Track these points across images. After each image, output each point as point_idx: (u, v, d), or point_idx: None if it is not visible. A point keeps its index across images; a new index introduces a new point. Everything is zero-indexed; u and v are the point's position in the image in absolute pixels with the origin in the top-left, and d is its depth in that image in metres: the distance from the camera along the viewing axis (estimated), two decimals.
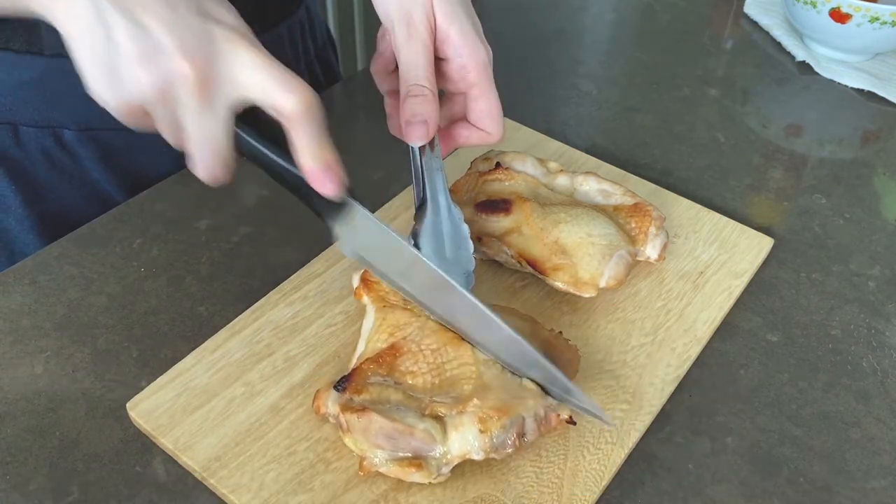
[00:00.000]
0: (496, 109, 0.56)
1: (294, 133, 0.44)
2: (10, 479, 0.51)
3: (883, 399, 0.57)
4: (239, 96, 0.44)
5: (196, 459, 0.50)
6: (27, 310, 0.61)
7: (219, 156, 0.45)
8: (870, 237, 0.71)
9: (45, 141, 0.71)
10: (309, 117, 0.44)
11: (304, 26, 0.85)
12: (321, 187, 0.46)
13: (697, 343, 0.59)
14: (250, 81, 0.43)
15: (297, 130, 0.44)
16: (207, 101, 0.43)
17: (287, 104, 0.43)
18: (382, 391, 0.49)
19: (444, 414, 0.48)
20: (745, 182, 0.77)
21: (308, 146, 0.45)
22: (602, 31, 1.05)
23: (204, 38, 0.42)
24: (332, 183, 0.46)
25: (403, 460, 0.47)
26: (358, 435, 0.48)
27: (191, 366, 0.55)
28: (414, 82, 0.53)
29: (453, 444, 0.47)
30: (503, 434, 0.47)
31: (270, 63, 0.43)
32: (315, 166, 0.45)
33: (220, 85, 0.43)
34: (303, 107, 0.43)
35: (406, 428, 0.47)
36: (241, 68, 0.43)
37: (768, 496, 0.51)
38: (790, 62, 0.97)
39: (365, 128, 0.84)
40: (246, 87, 0.43)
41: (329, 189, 0.46)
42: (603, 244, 0.60)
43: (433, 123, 0.53)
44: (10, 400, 0.55)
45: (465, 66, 0.54)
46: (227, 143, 0.45)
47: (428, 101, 0.52)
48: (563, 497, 0.49)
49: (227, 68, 0.43)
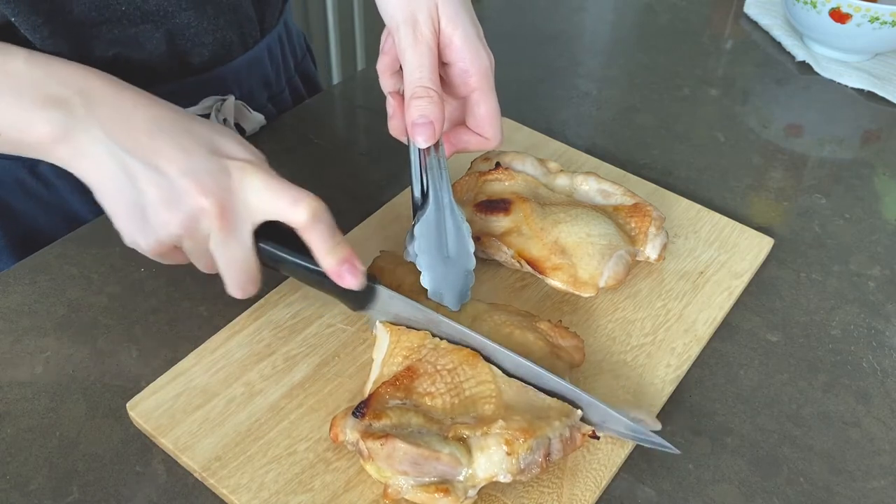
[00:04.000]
0: (496, 115, 0.57)
1: (309, 239, 0.49)
2: (10, 479, 0.51)
3: (883, 399, 0.57)
4: (257, 218, 0.49)
5: (196, 459, 0.50)
6: (27, 310, 0.61)
7: (247, 273, 0.50)
8: (870, 237, 0.71)
9: (19, 172, 0.70)
10: (319, 223, 0.49)
11: (283, 40, 0.84)
12: (343, 281, 0.50)
13: (697, 343, 0.59)
14: (264, 204, 0.48)
15: (311, 236, 0.49)
16: (229, 228, 0.48)
17: (298, 217, 0.48)
18: (402, 415, 0.48)
19: (467, 435, 0.47)
20: (745, 182, 0.77)
21: (323, 248, 0.49)
22: (602, 31, 1.05)
23: (218, 174, 0.47)
24: (351, 276, 0.50)
25: (430, 486, 0.46)
26: (381, 462, 0.46)
27: (191, 366, 0.55)
28: (419, 84, 0.54)
29: (479, 466, 0.46)
30: (530, 456, 0.46)
31: (279, 184, 0.48)
32: (334, 264, 0.50)
33: (238, 212, 0.48)
34: (311, 215, 0.48)
35: (431, 453, 0.46)
36: (255, 193, 0.48)
37: (768, 496, 0.51)
38: (790, 62, 0.97)
39: (365, 128, 0.84)
40: (261, 210, 0.48)
41: (350, 282, 0.50)
42: (602, 244, 0.60)
43: (439, 124, 0.54)
44: (10, 400, 0.55)
45: (468, 70, 0.55)
46: (254, 260, 0.50)
47: (434, 102, 0.53)
48: (563, 497, 0.49)
49: (243, 196, 0.48)
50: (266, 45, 0.80)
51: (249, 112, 0.77)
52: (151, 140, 0.47)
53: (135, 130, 0.47)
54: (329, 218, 0.49)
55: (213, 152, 0.48)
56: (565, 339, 0.55)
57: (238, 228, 0.48)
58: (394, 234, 0.67)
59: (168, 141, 0.47)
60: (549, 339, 0.54)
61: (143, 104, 0.49)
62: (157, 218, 0.47)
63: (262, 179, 0.48)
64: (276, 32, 0.81)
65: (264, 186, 0.48)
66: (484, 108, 0.56)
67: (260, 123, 0.78)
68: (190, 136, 0.48)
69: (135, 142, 0.47)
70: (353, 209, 0.70)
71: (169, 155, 0.47)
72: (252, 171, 0.48)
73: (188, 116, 0.50)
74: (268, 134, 0.80)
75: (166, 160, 0.47)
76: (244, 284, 0.51)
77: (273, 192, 0.48)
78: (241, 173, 0.48)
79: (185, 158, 0.47)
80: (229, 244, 0.48)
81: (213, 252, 0.49)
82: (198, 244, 0.49)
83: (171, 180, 0.47)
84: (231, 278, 0.50)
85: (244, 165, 0.48)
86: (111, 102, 0.49)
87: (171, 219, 0.47)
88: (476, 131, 0.58)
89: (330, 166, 0.76)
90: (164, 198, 0.47)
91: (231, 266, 0.50)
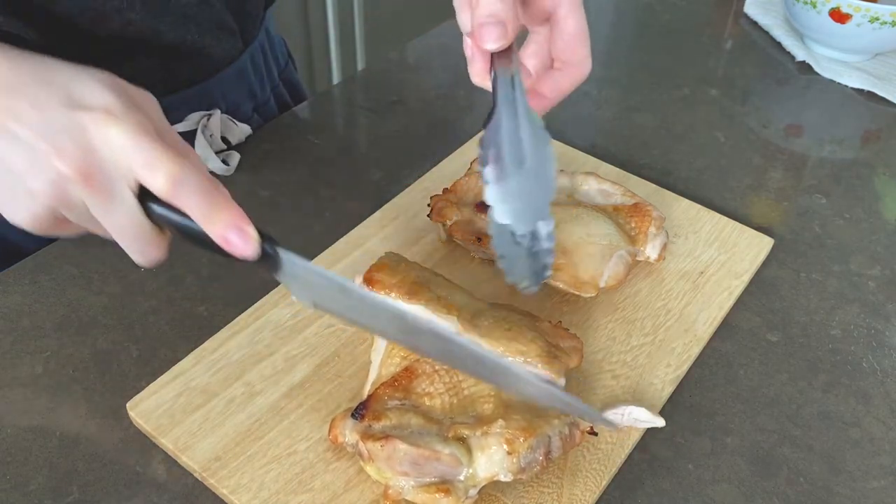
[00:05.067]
0: (585, 32, 0.50)
1: (180, 207, 0.42)
2: (10, 479, 0.51)
3: (883, 399, 0.57)
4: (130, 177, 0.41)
5: (196, 459, 0.50)
6: (27, 310, 0.61)
7: (142, 238, 0.43)
8: (870, 237, 0.71)
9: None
10: (183, 187, 0.41)
11: (266, 49, 0.84)
12: (232, 249, 0.42)
13: (697, 343, 0.59)
14: (124, 163, 0.41)
15: (180, 204, 0.41)
16: (103, 192, 0.41)
17: (156, 185, 0.41)
18: (402, 416, 0.48)
19: (467, 435, 0.47)
20: (745, 182, 0.77)
21: (199, 215, 0.41)
22: (602, 31, 1.05)
23: (75, 132, 0.41)
24: (241, 241, 0.42)
25: (431, 486, 0.46)
26: (382, 463, 0.46)
27: (191, 366, 0.55)
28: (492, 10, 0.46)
29: (480, 466, 0.46)
30: (531, 454, 0.46)
31: (136, 140, 0.41)
32: (217, 231, 0.42)
33: (108, 172, 0.41)
34: (170, 181, 0.41)
35: (432, 453, 0.46)
36: (115, 151, 0.41)
37: (768, 496, 0.51)
38: (790, 62, 0.97)
39: (365, 128, 0.84)
40: (124, 168, 0.41)
41: (240, 250, 0.42)
42: (603, 244, 0.60)
43: (512, 24, 0.47)
44: (10, 400, 0.55)
45: None
46: (145, 223, 0.43)
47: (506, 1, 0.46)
48: (563, 497, 0.49)
49: (107, 152, 0.41)
50: (249, 55, 0.79)
51: (235, 125, 0.76)
52: (5, 100, 0.41)
53: None
54: (197, 178, 0.41)
55: (70, 105, 0.41)
56: (565, 340, 0.55)
57: (113, 191, 0.41)
58: (394, 233, 0.67)
59: (22, 100, 0.41)
60: (549, 340, 0.54)
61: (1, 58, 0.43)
62: (22, 190, 0.41)
63: (122, 133, 0.41)
64: (257, 42, 0.81)
65: (123, 143, 0.41)
66: (573, 24, 0.50)
67: (246, 134, 0.78)
68: (47, 89, 0.42)
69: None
70: (353, 209, 0.70)
71: (22, 114, 0.41)
72: (110, 124, 0.41)
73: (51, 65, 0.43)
74: (268, 134, 0.80)
75: (20, 122, 0.41)
76: (143, 250, 0.44)
77: (130, 152, 0.41)
78: (98, 127, 0.41)
79: (39, 118, 0.41)
80: (110, 209, 0.42)
81: (98, 219, 0.42)
82: (78, 212, 0.42)
83: (28, 146, 0.40)
84: (126, 246, 0.44)
85: (101, 117, 0.41)
86: None
87: (37, 188, 0.41)
88: (563, 57, 0.51)
89: (330, 166, 0.76)
90: (25, 166, 0.41)
91: (121, 233, 0.43)
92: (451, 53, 0.95)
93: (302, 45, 1.83)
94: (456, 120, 0.84)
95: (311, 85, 1.90)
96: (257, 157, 0.77)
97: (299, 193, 0.73)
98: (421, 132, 0.81)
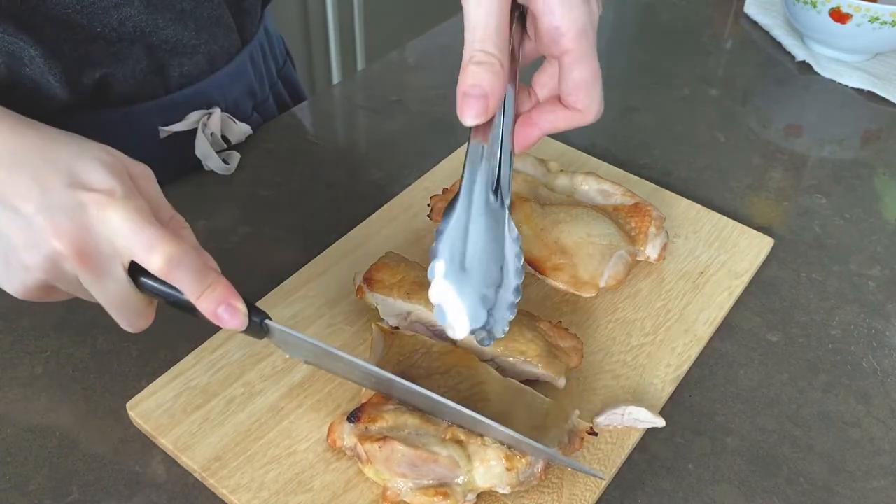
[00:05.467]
0: (593, 82, 0.47)
1: (173, 284, 0.44)
2: (10, 479, 0.51)
3: (883, 399, 0.57)
4: (125, 256, 0.44)
5: (196, 459, 0.50)
6: (27, 310, 0.61)
7: (131, 309, 0.46)
8: (870, 237, 0.71)
9: None
10: (177, 268, 0.43)
11: (265, 47, 0.83)
12: (223, 324, 0.45)
13: (697, 343, 0.59)
14: (121, 244, 0.43)
15: (174, 282, 0.44)
16: (95, 269, 0.43)
17: (153, 265, 0.43)
18: (398, 417, 0.48)
19: (463, 440, 0.47)
20: (745, 182, 0.77)
21: (192, 293, 0.44)
22: (602, 31, 1.05)
23: (76, 212, 0.42)
24: (230, 317, 0.45)
25: (429, 489, 0.46)
26: (380, 465, 0.46)
27: (191, 366, 0.55)
28: (480, 47, 0.44)
29: (478, 474, 0.46)
30: (529, 469, 0.46)
31: (133, 224, 0.43)
32: (208, 308, 0.44)
33: (102, 251, 0.43)
34: (166, 262, 0.43)
35: (429, 455, 0.46)
36: (113, 233, 0.43)
37: (768, 496, 0.51)
38: (790, 62, 0.97)
39: (365, 128, 0.84)
40: (120, 250, 0.43)
41: (231, 324, 0.45)
42: (603, 244, 0.60)
43: (494, 99, 0.45)
44: (11, 400, 0.55)
45: (559, 27, 0.45)
46: (134, 296, 0.45)
47: (493, 70, 0.44)
48: (563, 497, 0.49)
49: (106, 234, 0.43)
50: (248, 54, 0.79)
51: (235, 123, 0.76)
52: (6, 175, 0.43)
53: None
54: (190, 259, 0.44)
55: (73, 184, 0.43)
56: (564, 340, 0.55)
57: (106, 268, 0.43)
58: (394, 233, 0.67)
59: (26, 175, 0.43)
60: (549, 340, 0.54)
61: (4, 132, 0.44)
62: (17, 262, 0.43)
63: (121, 216, 0.43)
64: (256, 40, 0.80)
65: (121, 225, 0.43)
66: (578, 74, 0.46)
67: (246, 134, 0.77)
68: (51, 167, 0.43)
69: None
70: (354, 209, 0.70)
71: (25, 192, 0.42)
72: (111, 206, 0.43)
73: (53, 139, 0.45)
74: (267, 134, 0.80)
75: (22, 198, 0.42)
76: (131, 320, 0.46)
77: (129, 235, 0.43)
78: (98, 209, 0.43)
79: (40, 195, 0.42)
80: (102, 284, 0.44)
81: (90, 291, 0.45)
82: (70, 285, 0.45)
83: (27, 220, 0.42)
84: (115, 315, 0.46)
85: (103, 199, 0.43)
86: None
87: (31, 263, 0.43)
88: (568, 101, 0.48)
89: (330, 166, 0.76)
90: (23, 240, 0.43)
91: (111, 304, 0.45)
92: (451, 53, 0.95)
93: (302, 44, 1.83)
94: (456, 120, 0.83)
95: (311, 85, 1.90)
96: (257, 157, 0.77)
97: (299, 193, 0.73)
98: (421, 132, 0.81)
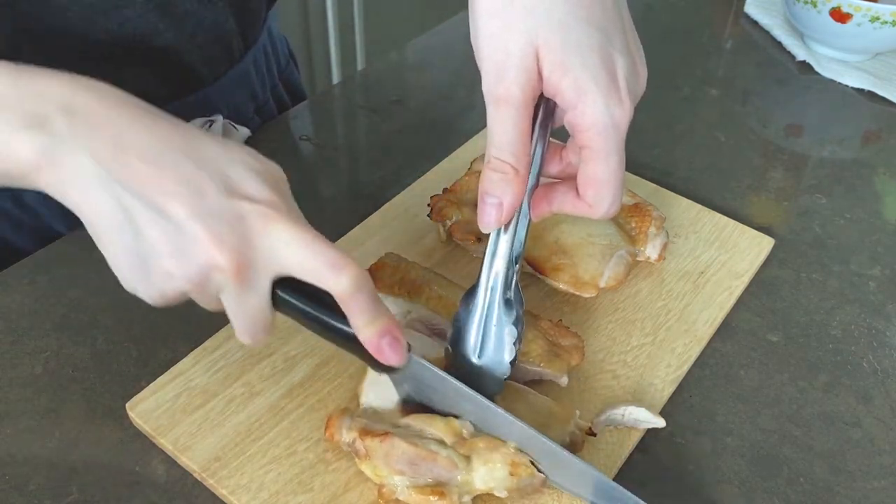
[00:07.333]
0: (607, 182, 0.45)
1: (347, 308, 0.42)
2: (10, 479, 0.51)
3: (883, 399, 0.57)
4: (281, 272, 0.42)
5: (196, 459, 0.50)
6: (27, 310, 0.61)
7: (260, 323, 0.44)
8: (870, 237, 0.71)
9: (4, 203, 0.68)
10: (360, 292, 0.41)
11: (268, 50, 0.83)
12: (382, 356, 0.43)
13: (697, 343, 0.59)
14: (291, 260, 0.41)
15: (351, 307, 0.42)
16: (246, 283, 0.41)
17: (338, 286, 0.41)
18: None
19: (469, 440, 0.47)
20: (745, 182, 0.77)
21: (363, 319, 0.42)
22: None
23: (235, 222, 0.40)
24: (392, 350, 0.43)
25: (425, 488, 0.46)
26: (379, 461, 0.46)
27: (191, 366, 0.55)
28: (496, 154, 0.44)
29: (478, 475, 0.46)
30: (531, 479, 0.46)
31: (311, 239, 0.41)
32: (373, 336, 0.43)
33: (257, 265, 0.41)
34: (354, 285, 0.41)
35: (429, 454, 0.46)
36: (279, 246, 0.41)
37: (768, 496, 0.51)
38: (790, 62, 0.97)
39: (365, 128, 0.84)
40: (287, 265, 0.41)
41: (391, 358, 0.43)
42: (603, 244, 0.60)
43: (510, 208, 0.45)
44: (10, 400, 0.55)
45: (578, 125, 0.44)
46: (269, 310, 0.43)
47: (508, 180, 0.44)
48: (564, 497, 0.49)
49: (265, 247, 0.40)
50: (252, 58, 0.78)
51: (236, 129, 0.75)
52: (152, 171, 0.39)
53: (131, 157, 0.39)
54: (371, 285, 0.42)
55: (230, 192, 0.40)
56: (565, 338, 0.55)
57: (255, 282, 0.41)
58: (394, 233, 0.67)
59: (173, 174, 0.39)
60: (550, 338, 0.54)
61: (143, 122, 0.41)
62: (160, 269, 0.40)
63: (290, 231, 0.40)
64: (260, 44, 0.79)
65: (292, 239, 0.41)
66: (592, 169, 0.45)
67: (245, 136, 0.77)
68: (201, 169, 0.40)
69: (132, 172, 0.39)
70: (353, 209, 0.70)
71: (175, 194, 0.39)
72: (277, 220, 0.40)
73: (197, 139, 0.42)
74: (267, 134, 0.80)
75: (172, 200, 0.39)
76: (255, 334, 0.44)
77: (306, 251, 0.41)
78: (263, 222, 0.40)
79: (194, 200, 0.39)
80: (244, 297, 0.42)
81: (224, 302, 0.42)
82: (207, 296, 0.42)
83: (178, 226, 0.39)
84: (242, 327, 0.44)
85: (267, 212, 0.40)
86: (100, 120, 0.40)
87: (178, 272, 0.40)
88: (579, 190, 0.46)
89: (330, 166, 0.76)
90: (170, 247, 0.39)
91: (243, 317, 0.43)
92: (451, 53, 0.95)
93: (302, 45, 1.83)
94: (456, 120, 0.84)
95: (311, 85, 1.90)
96: None
97: (299, 193, 0.73)
98: (421, 132, 0.81)
